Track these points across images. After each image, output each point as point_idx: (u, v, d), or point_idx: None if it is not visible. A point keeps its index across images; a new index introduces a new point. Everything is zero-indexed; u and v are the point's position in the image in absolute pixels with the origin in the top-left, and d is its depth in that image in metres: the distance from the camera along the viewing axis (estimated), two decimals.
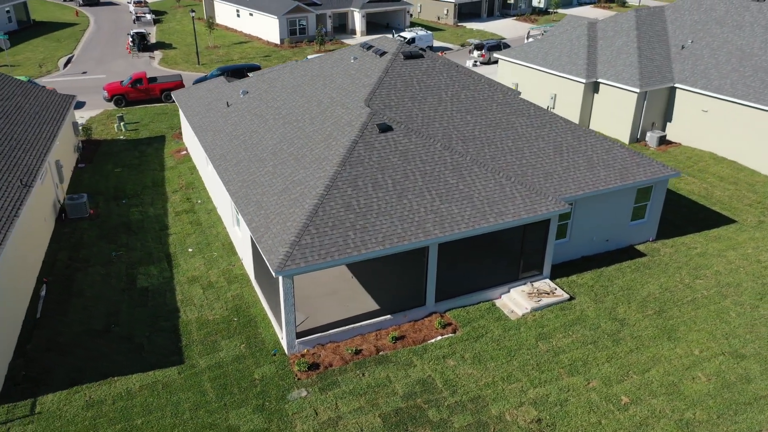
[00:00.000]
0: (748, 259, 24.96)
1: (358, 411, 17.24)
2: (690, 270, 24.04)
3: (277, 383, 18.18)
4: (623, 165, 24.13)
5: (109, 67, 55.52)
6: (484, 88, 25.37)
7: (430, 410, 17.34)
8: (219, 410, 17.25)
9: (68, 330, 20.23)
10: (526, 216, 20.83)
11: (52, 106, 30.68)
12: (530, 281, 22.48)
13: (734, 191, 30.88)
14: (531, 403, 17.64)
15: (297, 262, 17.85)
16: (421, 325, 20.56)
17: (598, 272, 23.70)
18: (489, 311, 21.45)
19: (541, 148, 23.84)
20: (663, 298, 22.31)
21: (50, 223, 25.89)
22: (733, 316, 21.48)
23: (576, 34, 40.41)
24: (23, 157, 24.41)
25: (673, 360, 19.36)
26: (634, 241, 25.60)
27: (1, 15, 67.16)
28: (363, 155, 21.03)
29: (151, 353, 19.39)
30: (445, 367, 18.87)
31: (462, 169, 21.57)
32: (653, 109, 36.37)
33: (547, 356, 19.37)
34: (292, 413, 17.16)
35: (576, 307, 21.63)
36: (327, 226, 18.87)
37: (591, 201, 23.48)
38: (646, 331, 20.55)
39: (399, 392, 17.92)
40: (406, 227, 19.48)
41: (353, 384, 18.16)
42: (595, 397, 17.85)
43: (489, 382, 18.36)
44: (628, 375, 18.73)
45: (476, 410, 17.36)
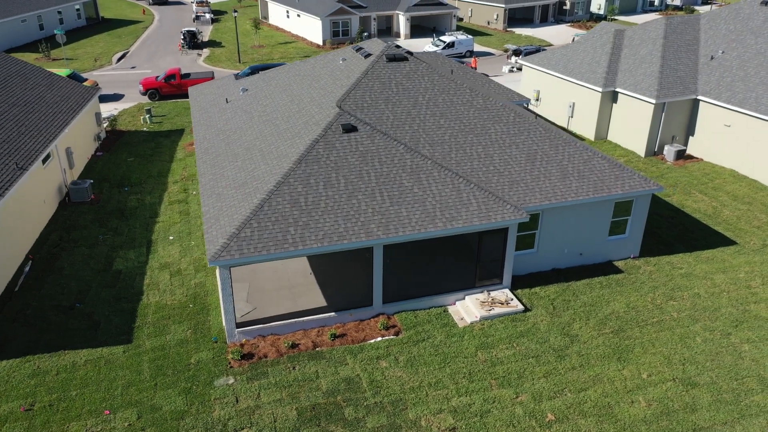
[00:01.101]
0: (737, 283, 23.46)
1: (277, 402, 17.60)
2: (666, 290, 22.87)
3: (210, 369, 18.83)
4: (600, 177, 23.27)
5: (157, 63, 58.52)
6: (465, 93, 25.12)
7: (348, 408, 17.46)
8: (148, 389, 18.07)
9: (38, 304, 21.72)
10: (479, 223, 20.53)
11: (73, 97, 32.85)
12: (487, 290, 22.10)
13: (745, 212, 29.01)
14: (451, 411, 17.41)
15: (232, 253, 18.43)
16: (366, 326, 20.67)
17: (565, 286, 22.97)
18: (439, 317, 21.27)
19: (513, 155, 23.37)
20: (626, 317, 21.37)
21: (52, 205, 27.77)
22: (698, 341, 20.30)
23: (601, 42, 39.09)
24: (27, 143, 26.34)
25: (616, 381, 18.55)
26: (614, 257, 24.60)
27: (71, 12, 72.12)
28: (321, 154, 21.38)
29: (105, 331, 20.52)
30: (375, 367, 18.92)
31: (420, 172, 21.51)
32: (673, 122, 34.67)
33: (482, 366, 19.02)
34: (214, 398, 17.73)
35: (529, 320, 21.08)
36: (269, 221, 19.36)
37: (561, 212, 22.79)
38: (596, 350, 19.77)
39: (323, 388, 18.14)
40: (349, 227, 19.67)
41: (281, 376, 18.54)
42: (520, 412, 17.40)
43: (415, 386, 18.26)
44: (562, 392, 18.12)
45: (393, 413, 17.33)
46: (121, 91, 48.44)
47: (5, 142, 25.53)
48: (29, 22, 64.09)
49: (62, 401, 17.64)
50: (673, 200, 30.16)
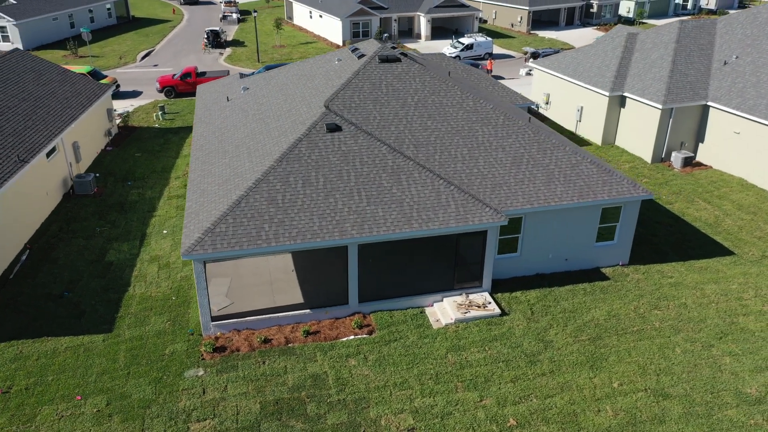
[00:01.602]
0: (728, 294, 22.84)
1: (243, 395, 17.91)
2: (652, 299, 22.42)
3: (182, 360, 19.26)
4: (587, 182, 22.94)
5: (179, 62, 59.81)
6: (455, 95, 25.06)
7: (311, 404, 17.66)
8: (121, 377, 18.60)
9: (30, 292, 22.54)
10: (456, 225, 20.49)
11: (84, 93, 33.91)
12: (466, 292, 22.03)
13: (749, 221, 28.19)
14: (412, 411, 17.44)
15: (205, 248, 18.83)
16: (340, 324, 20.84)
17: (547, 291, 22.72)
18: (415, 318, 21.29)
19: (498, 158, 23.23)
20: (606, 325, 21.03)
21: (56, 196, 28.75)
22: (677, 352, 19.85)
23: (612, 45, 38.45)
24: (32, 136, 27.34)
25: (585, 389, 18.29)
26: (602, 264, 24.21)
27: (102, 10, 74.25)
28: (303, 153, 21.64)
29: (89, 320, 21.17)
30: (343, 365, 19.06)
31: (401, 173, 21.58)
32: (682, 128, 33.87)
33: (451, 368, 18.98)
34: (182, 389, 18.14)
35: (505, 324, 20.94)
36: (245, 217, 19.70)
37: (544, 216, 22.56)
38: (569, 357, 19.52)
39: (289, 383, 18.38)
40: (324, 225, 19.87)
41: (250, 370, 18.84)
42: (482, 415, 17.32)
43: (380, 385, 18.34)
44: (528, 398, 17.96)
45: (355, 411, 17.45)
46: (141, 88, 49.73)
47: (11, 135, 26.55)
48: (60, 20, 66.28)
49: (38, 385, 18.29)
50: (674, 208, 29.49)
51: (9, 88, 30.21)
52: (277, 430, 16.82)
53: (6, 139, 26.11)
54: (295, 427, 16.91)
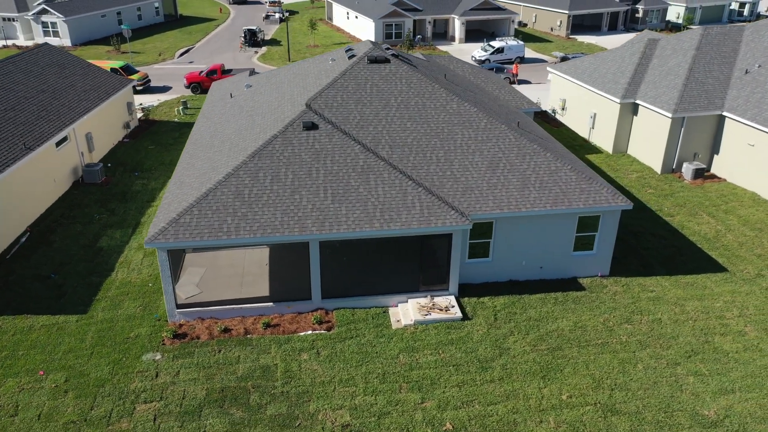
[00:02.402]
0: (709, 312, 21.91)
1: (192, 381, 18.49)
2: (625, 313, 21.75)
3: (143, 344, 20.04)
4: (563, 189, 22.45)
5: (215, 59, 61.66)
6: (440, 97, 25.00)
7: (254, 394, 18.06)
8: (84, 357, 19.52)
9: (20, 272, 23.91)
10: (418, 227, 20.50)
11: (103, 87, 35.57)
12: (431, 294, 21.97)
13: (751, 238, 26.88)
14: (351, 408, 17.59)
15: (168, 237, 19.55)
16: (301, 318, 21.18)
17: (517, 298, 22.38)
18: (376, 317, 21.40)
19: (474, 161, 23.03)
20: (570, 335, 20.55)
21: (65, 184, 30.30)
22: (639, 368, 19.22)
23: (630, 51, 37.34)
24: (43, 126, 28.94)
25: (532, 399, 17.97)
26: (579, 274, 23.64)
27: (150, 8, 77.36)
28: (276, 149, 22.11)
29: (69, 301, 22.29)
30: (295, 359, 19.39)
31: (370, 172, 21.74)
32: (696, 138, 32.57)
33: (399, 369, 19.01)
34: (137, 371, 18.89)
35: (465, 328, 20.77)
36: (210, 210, 20.32)
37: (516, 222, 22.22)
38: (523, 365, 19.20)
39: (238, 373, 18.85)
40: (286, 221, 20.27)
41: (204, 358, 19.43)
42: (419, 417, 17.29)
43: (326, 381, 18.57)
44: (470, 403, 17.80)
45: (296, 403, 17.75)
46: (171, 83, 51.62)
47: (22, 125, 28.19)
48: (108, 17, 69.51)
49: (8, 359, 19.42)
50: (674, 221, 28.42)
51: (30, 80, 32.06)
52: (216, 416, 17.32)
53: (17, 128, 27.76)
54: (235, 415, 17.36)
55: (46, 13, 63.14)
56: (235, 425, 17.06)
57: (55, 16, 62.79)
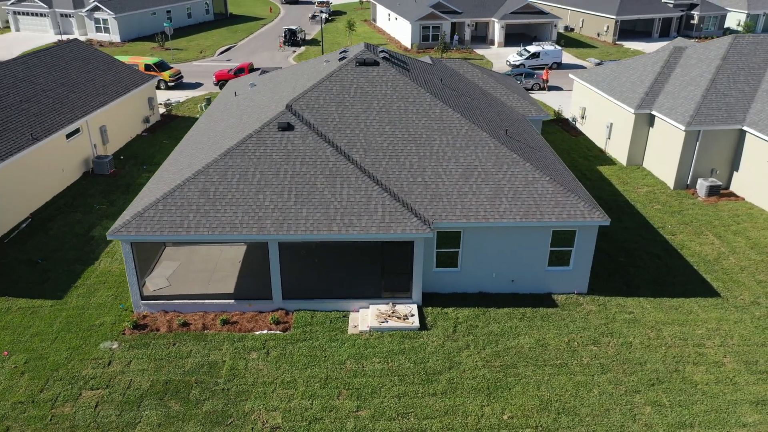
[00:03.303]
0: (688, 339, 20.62)
1: (140, 372, 18.94)
2: (594, 334, 20.75)
3: (105, 332, 20.70)
4: (537, 201, 21.64)
5: (254, 58, 63.00)
6: (424, 102, 24.59)
7: (196, 389, 18.32)
8: (48, 340, 20.34)
9: (11, 256, 25.17)
10: (376, 232, 20.24)
11: (123, 82, 36.99)
12: (394, 302, 21.64)
13: (755, 262, 25.11)
14: (285, 411, 17.56)
15: (130, 230, 20.11)
16: (260, 317, 21.30)
17: (483, 311, 21.74)
18: (335, 321, 21.27)
19: (448, 169, 22.52)
20: (529, 353, 19.78)
21: (74, 174, 31.69)
22: (594, 393, 18.30)
23: (653, 59, 35.61)
24: (55, 118, 30.37)
25: (471, 416, 17.42)
26: (555, 290, 22.72)
27: (200, 7, 79.86)
28: (249, 149, 22.34)
29: (50, 286, 23.29)
30: (243, 357, 19.54)
31: (338, 175, 21.64)
32: (712, 153, 30.72)
33: (344, 375, 18.83)
34: (92, 358, 19.52)
35: (420, 338, 20.35)
36: (174, 206, 20.75)
37: (485, 233, 21.58)
38: (471, 381, 18.63)
39: (186, 367, 19.16)
40: (245, 220, 20.45)
41: (158, 350, 19.86)
42: (350, 426, 17.06)
43: (268, 381, 18.62)
44: (406, 416, 17.43)
45: (232, 401, 17.88)
46: (204, 80, 53.11)
47: (35, 116, 29.69)
48: (158, 15, 72.22)
49: None
50: (675, 239, 26.89)
51: (51, 74, 33.72)
52: (154, 408, 17.68)
53: (29, 118, 29.26)
54: (171, 408, 17.66)
55: (98, 10, 66.32)
56: (169, 418, 17.36)
57: (106, 13, 65.86)
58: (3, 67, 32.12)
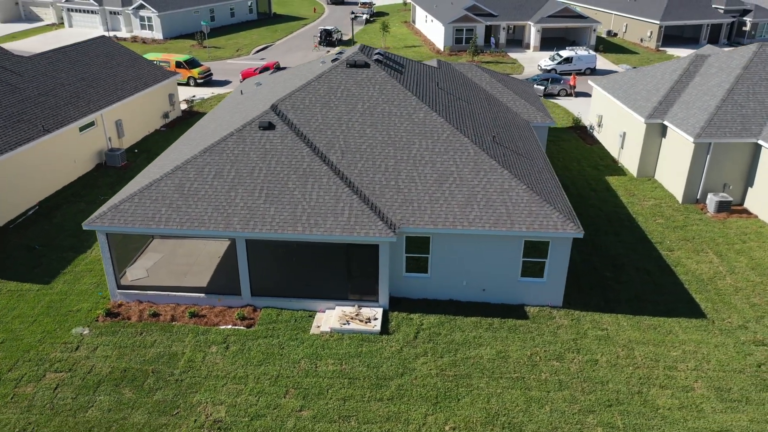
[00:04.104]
0: (659, 361, 19.74)
1: (104, 358, 19.63)
2: (560, 349, 20.13)
3: (80, 318, 21.54)
4: (510, 210, 21.14)
5: (288, 57, 64.02)
6: (409, 105, 24.43)
7: (151, 378, 18.84)
8: (27, 323, 21.35)
9: (14, 241, 26.51)
10: (340, 234, 20.28)
11: (143, 78, 38.33)
12: (360, 305, 21.61)
13: (754, 284, 23.76)
14: (230, 405, 17.83)
15: (104, 221, 20.88)
16: (227, 312, 21.68)
17: (449, 318, 21.43)
18: (300, 320, 21.43)
19: (423, 173, 22.29)
20: (487, 365, 19.38)
21: (87, 165, 33.07)
22: (546, 410, 17.78)
23: (673, 67, 34.16)
24: (70, 111, 31.79)
25: (412, 424, 17.23)
26: (528, 302, 22.15)
27: (243, 6, 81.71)
28: (228, 147, 22.78)
29: (41, 271, 24.42)
30: (202, 350, 19.94)
31: (310, 176, 21.79)
32: (726, 167, 29.21)
33: (295, 374, 18.95)
34: (63, 342, 20.36)
35: (379, 343, 20.25)
36: (149, 199, 21.39)
37: (454, 240, 21.26)
38: (421, 389, 18.42)
39: (147, 356, 19.72)
40: (214, 216, 20.87)
41: (126, 338, 20.52)
42: (290, 425, 17.18)
43: (220, 375, 18.95)
44: (347, 419, 17.40)
45: (183, 392, 18.29)
46: (233, 78, 54.38)
47: (50, 108, 31.18)
48: (201, 13, 74.36)
49: None
50: (672, 256, 25.73)
51: (74, 69, 35.31)
52: (108, 393, 18.29)
53: (43, 111, 30.76)
54: (124, 395, 18.24)
55: (143, 8, 68.90)
56: (120, 405, 17.93)
57: (150, 11, 68.35)
58: (28, 61, 33.89)
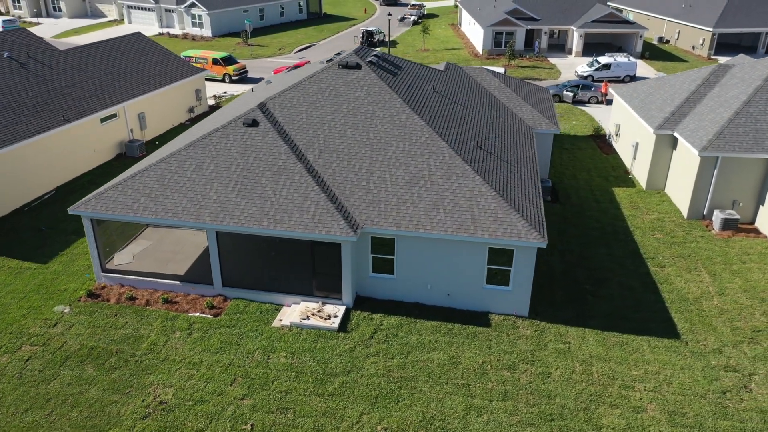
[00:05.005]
0: (617, 379, 19.14)
1: (76, 336, 20.86)
2: (515, 360, 19.83)
3: (66, 296, 22.94)
4: (475, 216, 20.97)
5: (325, 57, 65.14)
6: (393, 107, 24.59)
7: (113, 358, 19.89)
8: (18, 298, 22.92)
9: (26, 222, 28.43)
10: (302, 231, 20.72)
11: (169, 74, 40.08)
12: (324, 301, 21.99)
13: (742, 307, 22.57)
14: (179, 389, 18.60)
15: (88, 207, 22.17)
16: (198, 300, 22.56)
17: (410, 321, 21.49)
18: (266, 313, 22.02)
19: (395, 175, 22.41)
20: (435, 369, 19.36)
21: (107, 154, 34.96)
22: (483, 419, 17.63)
23: (693, 77, 32.71)
24: (91, 103, 33.71)
25: (345, 421, 17.49)
26: (494, 309, 21.90)
27: (293, 6, 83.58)
28: (212, 141, 23.66)
29: (42, 252, 26.13)
30: (166, 334, 20.85)
31: (283, 173, 22.35)
32: (736, 184, 27.78)
33: (247, 365, 19.55)
34: (44, 318, 21.77)
35: (334, 340, 20.57)
36: (131, 188, 22.53)
37: (418, 243, 21.29)
38: (363, 388, 18.63)
39: (115, 337, 20.82)
40: (187, 207, 21.76)
41: (99, 319, 21.72)
42: (229, 412, 17.78)
43: (177, 359, 19.78)
44: (286, 411, 17.84)
45: (139, 373, 19.22)
46: (267, 75, 55.83)
47: (74, 100, 33.19)
48: (251, 12, 76.64)
49: None
50: (660, 272, 24.76)
51: (104, 63, 37.39)
52: (72, 369, 19.45)
53: (68, 102, 32.79)
54: (85, 371, 19.36)
55: (194, 6, 71.73)
56: (80, 380, 19.05)
57: (201, 9, 71.08)
58: (61, 54, 36.16)
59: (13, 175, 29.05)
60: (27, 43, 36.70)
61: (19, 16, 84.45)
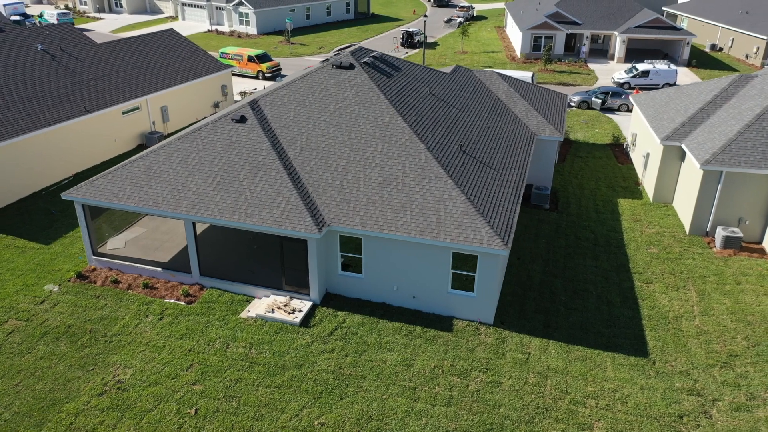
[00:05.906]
0: (570, 394, 18.72)
1: (58, 313, 22.16)
2: (468, 367, 19.70)
3: (58, 276, 24.36)
4: (441, 220, 20.89)
5: None
6: (379, 109, 24.76)
7: (85, 336, 21.03)
8: (16, 275, 24.53)
9: (42, 204, 30.29)
10: (269, 226, 21.24)
11: (195, 69, 41.60)
12: (292, 296, 22.45)
13: (724, 329, 21.53)
14: (137, 370, 19.50)
15: (79, 193, 23.48)
16: (176, 287, 23.47)
17: (373, 321, 21.65)
18: (237, 303, 22.69)
19: (369, 175, 22.59)
20: (386, 370, 19.48)
21: (126, 145, 36.69)
22: (421, 422, 17.66)
23: (710, 87, 31.24)
24: (114, 95, 35.49)
25: (285, 413, 17.90)
26: (459, 315, 21.76)
27: (341, 6, 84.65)
28: (201, 135, 24.56)
29: (48, 233, 27.81)
30: (139, 318, 21.85)
31: (261, 168, 22.95)
32: (742, 200, 26.43)
33: (205, 352, 20.25)
34: (33, 295, 23.22)
35: (293, 334, 21.00)
36: (120, 178, 23.69)
37: (388, 244, 21.41)
38: (310, 383, 18.98)
39: (92, 317, 21.99)
40: (168, 198, 22.70)
41: (84, 300, 22.97)
42: (179, 395, 18.49)
43: (143, 342, 20.70)
44: (231, 398, 18.41)
45: (105, 352, 20.26)
46: None
47: (98, 92, 35.05)
48: (297, 11, 78.20)
49: None
50: (645, 288, 23.91)
51: (132, 57, 39.25)
52: (48, 344, 20.71)
53: (91, 93, 34.66)
54: (59, 347, 20.57)
55: (241, 5, 73.90)
56: (52, 355, 20.27)
57: (247, 7, 73.16)
58: (93, 48, 38.22)
59: (33, 161, 31.04)
60: (62, 36, 38.96)
61: (84, 12, 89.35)
